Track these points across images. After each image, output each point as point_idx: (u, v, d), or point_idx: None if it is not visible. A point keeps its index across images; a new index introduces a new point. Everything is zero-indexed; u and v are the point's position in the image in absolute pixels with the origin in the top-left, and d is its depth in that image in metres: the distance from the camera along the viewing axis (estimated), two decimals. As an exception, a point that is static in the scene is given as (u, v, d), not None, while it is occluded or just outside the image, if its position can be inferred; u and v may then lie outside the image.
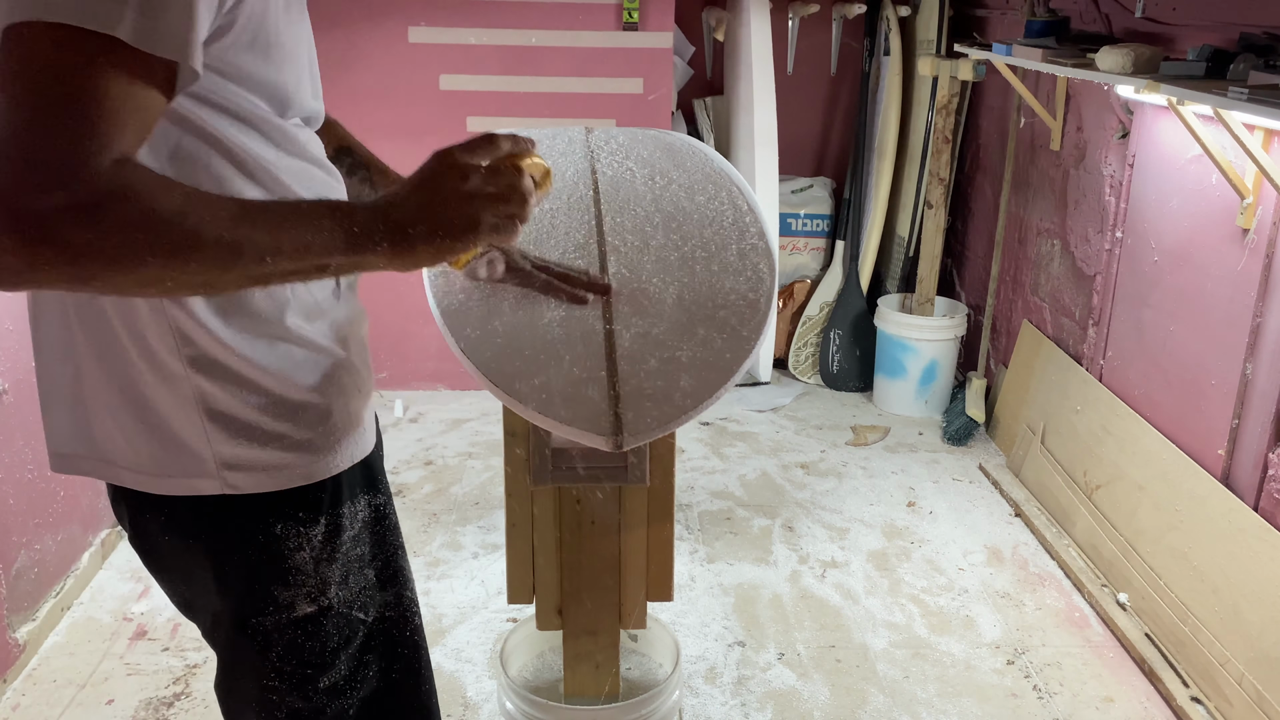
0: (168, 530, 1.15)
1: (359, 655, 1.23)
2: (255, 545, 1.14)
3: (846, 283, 4.19)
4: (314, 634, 1.18)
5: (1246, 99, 1.98)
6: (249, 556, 1.14)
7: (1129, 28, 2.89)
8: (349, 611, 1.21)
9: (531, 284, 1.45)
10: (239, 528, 1.13)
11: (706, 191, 1.78)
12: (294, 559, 1.15)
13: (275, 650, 1.18)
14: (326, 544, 1.17)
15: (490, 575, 2.83)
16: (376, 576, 1.24)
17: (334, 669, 1.20)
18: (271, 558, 1.15)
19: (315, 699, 1.21)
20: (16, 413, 2.42)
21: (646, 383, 1.33)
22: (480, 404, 3.92)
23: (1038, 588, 2.84)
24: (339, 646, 1.20)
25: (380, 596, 1.25)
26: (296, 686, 1.19)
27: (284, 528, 1.15)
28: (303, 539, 1.16)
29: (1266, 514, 2.29)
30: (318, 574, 1.17)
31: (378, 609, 1.24)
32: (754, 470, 3.49)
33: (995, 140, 3.89)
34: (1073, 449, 3.09)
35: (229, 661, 1.23)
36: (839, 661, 2.52)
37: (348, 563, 1.20)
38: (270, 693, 1.20)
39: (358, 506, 1.21)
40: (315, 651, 1.19)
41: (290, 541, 1.15)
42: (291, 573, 1.16)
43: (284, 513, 1.14)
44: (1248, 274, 2.39)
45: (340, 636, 1.20)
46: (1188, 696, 2.35)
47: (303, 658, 1.18)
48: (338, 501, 1.18)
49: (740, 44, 3.96)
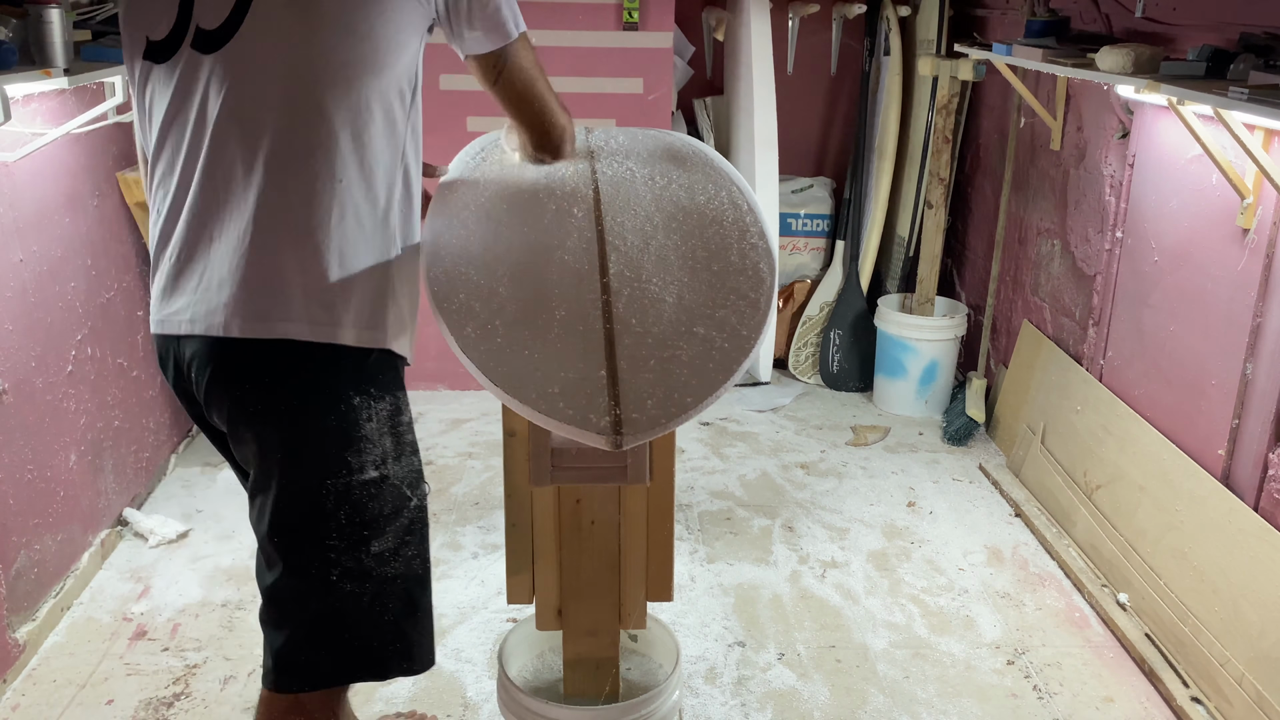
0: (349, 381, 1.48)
1: (402, 534, 1.51)
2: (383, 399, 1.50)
3: (846, 283, 4.19)
4: (375, 497, 1.48)
5: (1246, 99, 1.98)
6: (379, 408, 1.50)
7: (1129, 28, 2.89)
8: (400, 486, 1.50)
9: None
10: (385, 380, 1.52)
11: (706, 191, 1.78)
12: (366, 427, 1.46)
13: (343, 508, 1.46)
14: (391, 419, 1.50)
15: (490, 575, 2.83)
16: (419, 466, 1.55)
17: (384, 536, 1.49)
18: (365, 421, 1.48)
19: (365, 561, 1.48)
20: (16, 413, 2.42)
21: (646, 382, 1.33)
22: (480, 404, 3.92)
23: (1038, 588, 2.84)
24: (390, 515, 1.49)
25: (420, 486, 1.54)
26: (353, 545, 1.47)
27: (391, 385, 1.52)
28: (385, 408, 1.50)
29: (1266, 514, 2.29)
30: (381, 444, 1.48)
31: (417, 497, 1.53)
32: (754, 470, 3.49)
33: (995, 140, 3.89)
34: (1073, 449, 3.09)
35: (302, 515, 1.47)
36: (839, 662, 2.52)
37: (402, 444, 1.52)
38: (329, 550, 1.46)
39: (406, 400, 1.56)
40: (373, 513, 1.48)
41: (380, 407, 1.49)
42: (363, 439, 1.46)
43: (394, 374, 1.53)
44: (1248, 274, 2.39)
45: (392, 506, 1.49)
46: (1188, 696, 2.35)
47: (363, 517, 1.47)
48: (401, 385, 1.55)
49: (740, 44, 3.96)
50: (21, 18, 2.16)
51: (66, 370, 2.65)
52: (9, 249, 2.40)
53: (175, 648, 2.51)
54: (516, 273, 1.54)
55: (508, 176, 1.81)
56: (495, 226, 1.65)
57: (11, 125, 2.26)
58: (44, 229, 2.56)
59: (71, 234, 2.69)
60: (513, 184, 1.77)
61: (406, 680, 2.39)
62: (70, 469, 2.68)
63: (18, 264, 2.44)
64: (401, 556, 1.51)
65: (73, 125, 2.49)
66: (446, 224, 1.65)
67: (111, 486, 2.91)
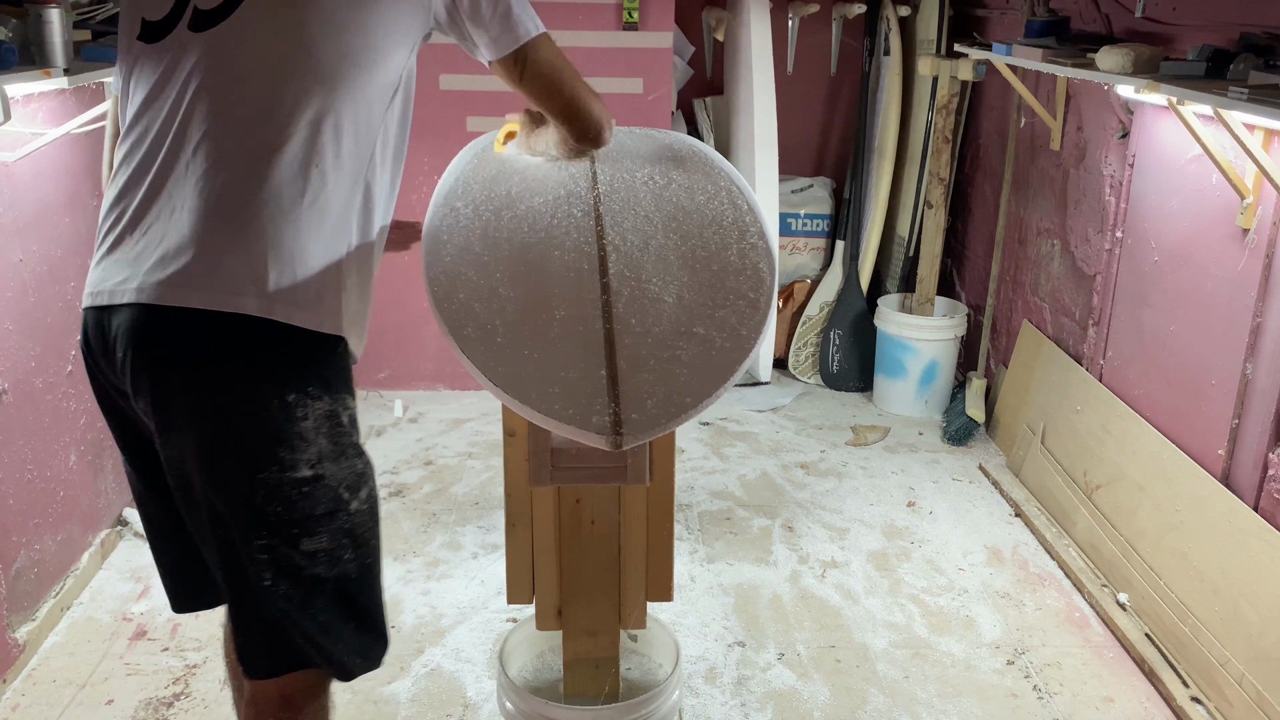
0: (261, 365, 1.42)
1: (338, 537, 1.47)
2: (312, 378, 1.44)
3: (846, 283, 4.19)
4: (307, 496, 1.43)
5: (1246, 99, 1.98)
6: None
7: (1129, 27, 2.89)
8: (336, 488, 1.45)
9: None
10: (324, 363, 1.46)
11: (706, 191, 1.78)
12: (300, 425, 1.41)
13: (271, 505, 1.41)
14: (329, 418, 1.44)
15: (490, 575, 2.83)
16: (362, 469, 1.50)
17: (315, 536, 1.45)
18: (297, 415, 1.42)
19: (297, 559, 1.44)
20: (17, 413, 2.42)
21: (646, 382, 1.33)
22: (480, 404, 3.92)
23: (1038, 588, 2.84)
24: (324, 516, 1.44)
25: (362, 490, 1.49)
26: (283, 542, 1.43)
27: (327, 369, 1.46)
28: (318, 403, 1.44)
29: (1266, 514, 2.29)
30: (316, 442, 1.43)
31: (358, 501, 1.49)
32: (754, 470, 3.49)
33: (995, 140, 3.89)
34: (1073, 449, 3.09)
35: (230, 509, 1.42)
36: (839, 661, 2.52)
37: (341, 445, 1.46)
38: (259, 550, 1.43)
39: (351, 402, 1.50)
40: (304, 512, 1.43)
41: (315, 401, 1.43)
42: (297, 437, 1.41)
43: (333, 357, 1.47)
44: (1248, 274, 2.39)
45: (326, 508, 1.44)
46: (1188, 696, 2.35)
47: (293, 516, 1.42)
48: (347, 388, 1.49)
49: (740, 44, 3.96)
50: (21, 18, 2.16)
51: (66, 370, 2.65)
52: (9, 249, 2.40)
53: (175, 648, 2.51)
54: (516, 273, 1.54)
55: (507, 177, 1.81)
56: (495, 226, 1.65)
57: (11, 125, 2.26)
58: (44, 229, 2.56)
59: (71, 234, 2.69)
60: (512, 184, 1.77)
61: (406, 680, 2.39)
62: (70, 469, 2.68)
63: (18, 264, 2.44)
64: (336, 557, 1.47)
65: (73, 125, 2.49)
66: (446, 224, 1.65)
67: (111, 486, 2.91)
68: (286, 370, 1.42)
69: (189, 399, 1.40)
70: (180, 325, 1.39)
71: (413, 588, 2.77)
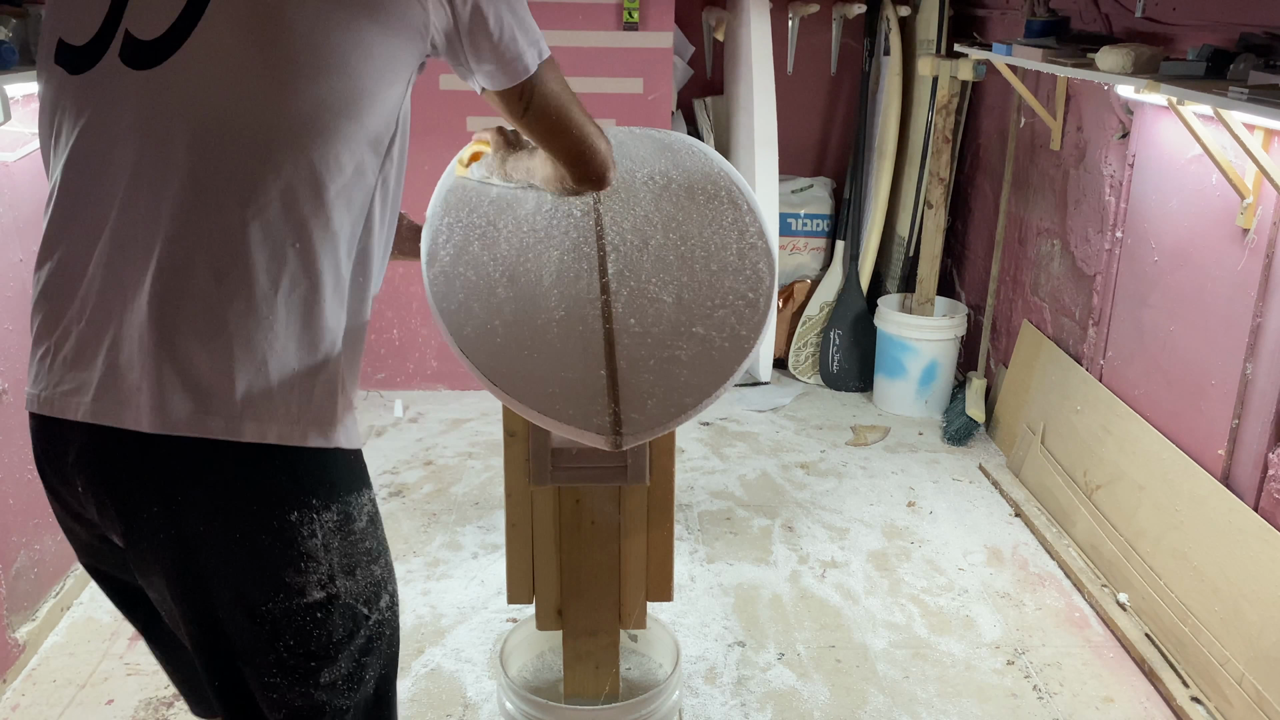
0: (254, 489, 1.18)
1: (358, 656, 1.25)
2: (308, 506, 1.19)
3: (846, 283, 4.19)
4: (321, 623, 1.20)
5: (1246, 99, 1.98)
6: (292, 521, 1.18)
7: (1129, 27, 2.89)
8: (354, 604, 1.23)
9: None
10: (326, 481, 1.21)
11: (706, 191, 1.78)
12: (308, 544, 1.18)
13: (283, 639, 1.19)
14: (341, 528, 1.21)
15: (490, 575, 2.83)
16: (381, 575, 1.28)
17: (335, 664, 1.22)
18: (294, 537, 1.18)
19: (316, 695, 1.22)
20: (17, 413, 2.42)
21: (646, 382, 1.33)
22: (480, 404, 3.92)
23: (1038, 588, 2.84)
24: (343, 640, 1.22)
25: (382, 598, 1.28)
26: (298, 680, 1.21)
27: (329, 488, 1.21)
28: (323, 517, 1.20)
29: (1266, 514, 2.29)
30: (328, 559, 1.20)
31: (378, 611, 1.27)
32: (754, 470, 3.49)
33: (995, 140, 3.89)
34: (1073, 449, 3.09)
35: (231, 651, 1.21)
36: (839, 661, 2.52)
37: (356, 554, 1.24)
38: (270, 690, 1.21)
39: (365, 497, 1.27)
40: (321, 642, 1.21)
41: (317, 516, 1.19)
42: (305, 557, 1.18)
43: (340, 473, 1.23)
44: (1248, 274, 2.39)
45: (345, 630, 1.22)
46: (1188, 696, 2.35)
47: (308, 648, 1.20)
48: (360, 482, 1.26)
49: (740, 44, 3.96)
50: (21, 18, 2.16)
51: (66, 370, 2.65)
52: (9, 249, 2.40)
53: (175, 648, 2.51)
54: (515, 273, 1.54)
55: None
56: (493, 227, 1.65)
57: (11, 125, 2.26)
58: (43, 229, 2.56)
59: (71, 234, 2.69)
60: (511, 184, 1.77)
61: (406, 680, 2.39)
62: (70, 469, 2.67)
63: (18, 264, 2.44)
64: (359, 680, 1.25)
65: (73, 125, 2.49)
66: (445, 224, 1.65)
67: (111, 486, 2.91)
68: (282, 493, 1.17)
69: (159, 540, 1.17)
70: (141, 453, 1.15)
71: (413, 588, 2.77)
